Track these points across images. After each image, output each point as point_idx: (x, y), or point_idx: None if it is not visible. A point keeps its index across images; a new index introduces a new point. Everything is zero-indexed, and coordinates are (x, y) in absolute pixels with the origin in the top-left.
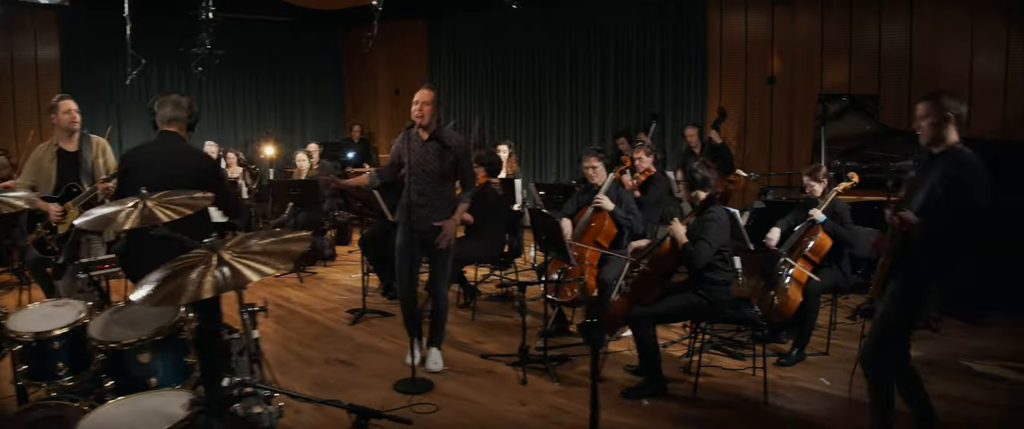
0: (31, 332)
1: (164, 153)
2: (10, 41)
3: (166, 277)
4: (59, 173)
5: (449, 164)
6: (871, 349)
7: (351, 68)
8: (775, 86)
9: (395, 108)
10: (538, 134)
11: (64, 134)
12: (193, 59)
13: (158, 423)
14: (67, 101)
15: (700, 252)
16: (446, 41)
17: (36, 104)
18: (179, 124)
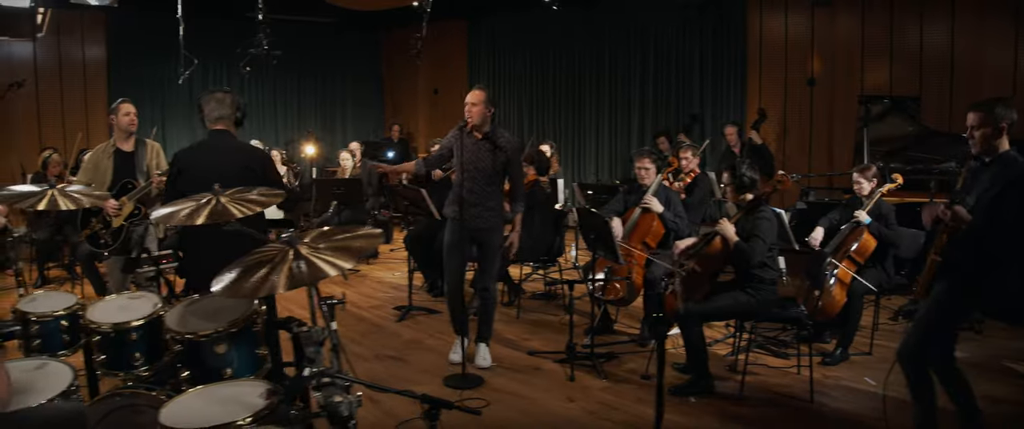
0: (110, 323)
1: (214, 151)
2: (59, 42)
3: (244, 271)
4: (115, 171)
5: (499, 164)
6: (911, 347)
7: (391, 68)
8: (815, 87)
9: (434, 108)
10: (577, 134)
11: (122, 135)
12: (241, 58)
13: (238, 411)
14: (127, 104)
15: (754, 249)
16: (486, 41)
17: (83, 103)
18: (226, 121)
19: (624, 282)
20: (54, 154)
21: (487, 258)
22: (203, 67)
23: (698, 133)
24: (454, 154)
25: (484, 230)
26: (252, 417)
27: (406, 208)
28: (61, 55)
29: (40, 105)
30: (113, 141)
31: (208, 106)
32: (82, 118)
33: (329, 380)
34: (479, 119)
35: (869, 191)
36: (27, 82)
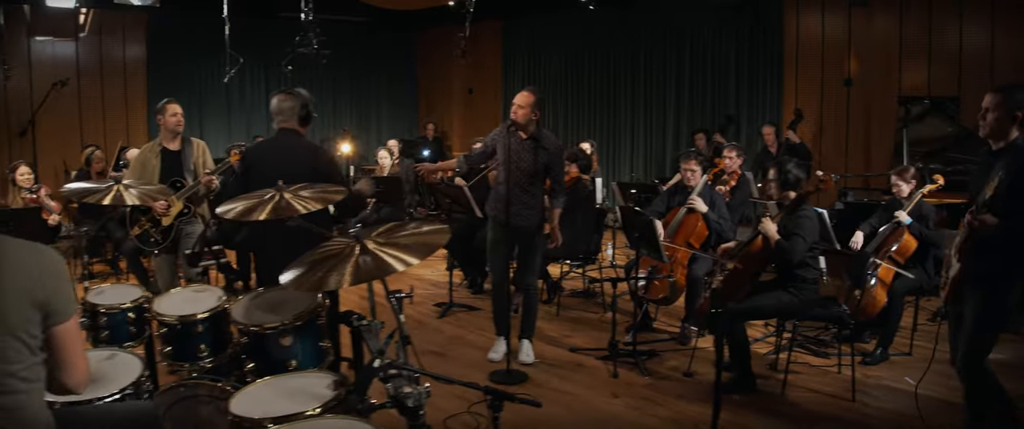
0: (176, 315)
1: (281, 150)
2: (101, 42)
3: (312, 264)
4: (163, 170)
5: (542, 164)
6: (966, 358)
7: (425, 67)
8: (852, 88)
9: (469, 107)
10: (612, 134)
11: (169, 135)
12: (284, 57)
13: (307, 402)
14: (174, 105)
15: (795, 247)
16: (521, 42)
17: (123, 102)
18: (293, 120)
19: (667, 281)
20: (97, 151)
21: (529, 256)
22: (240, 67)
23: (733, 133)
24: (498, 153)
25: (526, 228)
26: (321, 407)
27: (448, 206)
28: (102, 54)
29: (82, 103)
30: (159, 140)
31: (280, 106)
32: (122, 116)
33: (396, 372)
34: (524, 121)
35: (908, 193)
36: (70, 81)
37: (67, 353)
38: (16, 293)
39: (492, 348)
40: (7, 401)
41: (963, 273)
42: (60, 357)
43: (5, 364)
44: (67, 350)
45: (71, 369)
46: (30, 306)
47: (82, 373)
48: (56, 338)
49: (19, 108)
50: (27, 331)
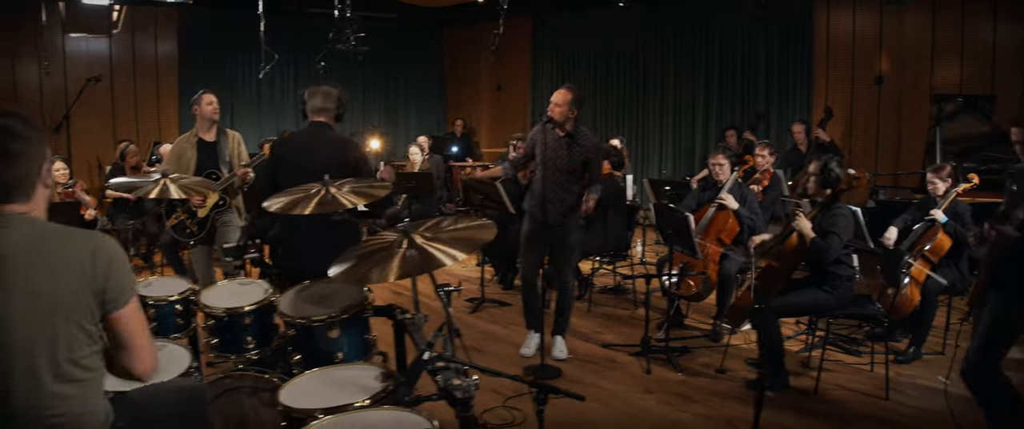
0: (223, 308)
1: (313, 142)
2: (133, 38)
3: (360, 258)
4: (199, 161)
5: (578, 161)
6: (971, 361)
7: (453, 64)
8: (883, 86)
9: (497, 103)
10: (640, 131)
11: (205, 124)
12: (316, 54)
13: (356, 393)
14: (209, 94)
15: (831, 245)
16: (550, 39)
17: (155, 98)
18: (328, 114)
19: (700, 277)
20: (132, 145)
21: (565, 253)
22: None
23: (764, 131)
24: (536, 150)
25: (561, 226)
26: (370, 399)
27: (480, 202)
28: (135, 51)
29: (114, 99)
30: (195, 131)
31: (313, 99)
32: (154, 112)
33: (444, 364)
34: (561, 118)
35: (944, 191)
36: (103, 77)
37: (130, 339)
38: (72, 280)
39: (524, 343)
40: (69, 389)
41: (987, 279)
42: (123, 343)
43: (67, 352)
44: (130, 336)
45: (136, 355)
46: (87, 293)
47: (149, 359)
48: (116, 324)
49: (54, 104)
50: (86, 318)
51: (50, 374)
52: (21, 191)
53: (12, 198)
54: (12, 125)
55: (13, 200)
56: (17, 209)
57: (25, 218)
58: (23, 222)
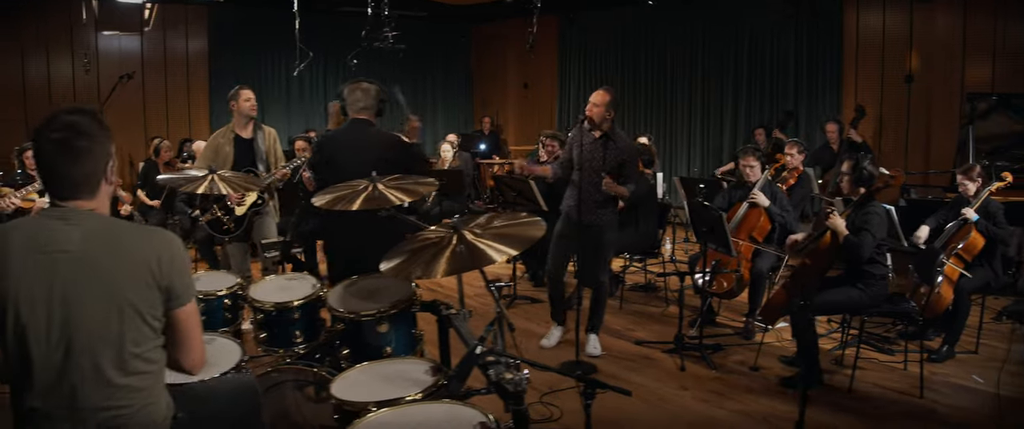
0: (272, 302)
1: (356, 139)
2: (164, 36)
3: (411, 254)
4: (236, 158)
5: (613, 163)
6: None
7: (480, 62)
8: (913, 84)
9: (524, 101)
10: (667, 130)
11: (242, 120)
12: (347, 52)
13: (407, 387)
14: (247, 90)
15: (864, 242)
16: (577, 37)
17: (185, 94)
18: (370, 111)
19: (732, 275)
20: (165, 141)
21: (598, 252)
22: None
23: (793, 129)
24: (573, 150)
25: (596, 225)
26: (422, 393)
27: (513, 198)
28: (166, 48)
29: (146, 96)
30: (231, 127)
31: (354, 95)
32: (184, 108)
33: (494, 358)
34: (598, 119)
35: (974, 192)
36: (135, 74)
37: (187, 335)
38: (139, 276)
39: (546, 335)
40: (135, 381)
41: None
42: (179, 339)
43: (133, 346)
44: (187, 332)
45: (189, 351)
46: (153, 288)
47: (199, 355)
48: (177, 321)
49: (86, 101)
50: (151, 313)
51: (116, 367)
52: (88, 188)
53: (79, 194)
54: (81, 122)
55: (80, 196)
56: (83, 205)
57: (92, 214)
58: (90, 218)
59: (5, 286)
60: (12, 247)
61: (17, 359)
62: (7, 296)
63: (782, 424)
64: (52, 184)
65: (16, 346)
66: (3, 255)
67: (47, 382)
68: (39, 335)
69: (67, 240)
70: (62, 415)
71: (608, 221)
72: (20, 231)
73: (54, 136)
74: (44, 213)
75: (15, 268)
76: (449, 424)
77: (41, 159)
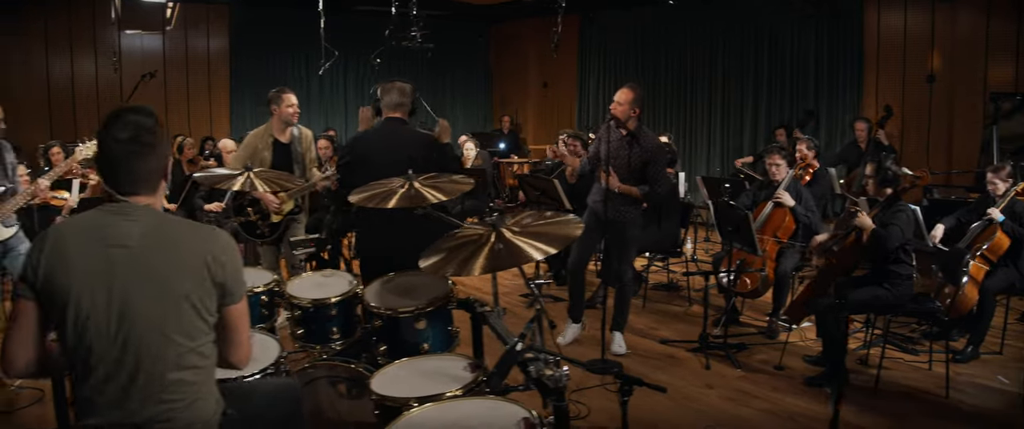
0: (309, 299)
1: (390, 138)
2: (186, 35)
3: (449, 251)
4: (273, 164)
5: (638, 162)
6: None
7: (500, 61)
8: (935, 84)
9: (543, 100)
10: (687, 129)
11: (281, 126)
12: (368, 51)
13: (447, 383)
14: (291, 94)
15: (891, 234)
16: (597, 37)
17: (207, 93)
18: (403, 110)
19: (758, 275)
20: (188, 138)
21: (623, 250)
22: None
23: (813, 129)
24: (600, 148)
25: (621, 223)
26: (462, 389)
27: (536, 197)
28: (187, 47)
29: (167, 94)
30: (270, 130)
31: (388, 95)
32: (206, 107)
33: (533, 355)
34: (623, 116)
35: (1003, 191)
36: (157, 73)
37: (237, 332)
38: (196, 272)
39: (562, 332)
40: (189, 375)
41: None
42: (230, 336)
43: (188, 341)
44: (237, 329)
45: (238, 347)
46: (209, 285)
47: (247, 351)
48: (228, 318)
49: (109, 99)
50: (205, 309)
51: (172, 361)
52: (149, 184)
53: (140, 190)
54: (146, 121)
55: (141, 192)
56: (142, 201)
57: (150, 210)
58: (149, 214)
59: (67, 280)
60: (73, 242)
61: (77, 351)
62: (69, 289)
63: (809, 423)
64: (115, 180)
65: (76, 338)
66: (64, 250)
67: (105, 373)
68: (99, 328)
69: (127, 236)
70: (117, 406)
71: (632, 218)
72: (81, 226)
73: (121, 134)
74: (104, 208)
75: (76, 263)
76: (492, 419)
77: (106, 155)
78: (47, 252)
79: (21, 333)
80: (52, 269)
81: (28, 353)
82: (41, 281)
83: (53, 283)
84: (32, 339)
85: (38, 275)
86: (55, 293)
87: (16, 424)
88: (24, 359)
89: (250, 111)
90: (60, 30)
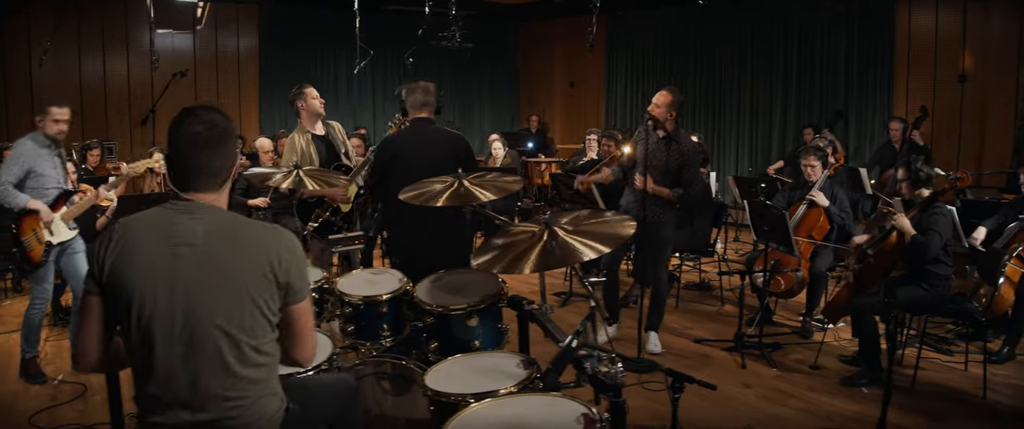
0: (360, 296)
1: (422, 138)
2: (216, 34)
3: (501, 248)
4: (324, 158)
5: (675, 164)
6: None
7: (527, 60)
8: (966, 84)
9: (570, 100)
10: (715, 129)
11: (313, 119)
12: (406, 50)
13: (501, 380)
14: (311, 87)
15: (931, 242)
16: (624, 36)
17: (236, 91)
18: (429, 109)
19: (793, 275)
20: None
21: (658, 251)
22: (348, 58)
23: (842, 130)
24: (638, 150)
25: (656, 223)
26: (517, 385)
27: (570, 198)
28: (218, 46)
29: (198, 93)
30: (304, 129)
31: (413, 95)
32: (235, 106)
33: (586, 352)
34: (661, 118)
35: None
36: (188, 72)
37: (301, 330)
38: (261, 270)
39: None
40: (252, 373)
41: None
42: (294, 333)
43: (251, 338)
44: (301, 327)
45: (302, 345)
46: (272, 283)
47: (311, 349)
48: (292, 316)
49: (140, 98)
50: (269, 307)
51: (236, 358)
52: (216, 181)
53: (206, 187)
54: (217, 118)
55: (207, 189)
56: (207, 198)
57: (215, 209)
58: (213, 213)
59: (132, 275)
60: (139, 238)
61: (140, 347)
62: (133, 286)
63: (847, 422)
64: (184, 176)
65: (140, 335)
66: (131, 246)
67: (169, 371)
68: (163, 326)
69: (192, 234)
70: (181, 404)
71: (668, 219)
72: (146, 223)
73: (193, 129)
74: (169, 206)
75: (142, 259)
76: (552, 415)
77: (175, 149)
78: (112, 248)
79: (89, 328)
80: (117, 265)
81: (97, 348)
82: (106, 277)
83: (118, 279)
84: (99, 334)
85: (104, 271)
86: (119, 289)
87: (59, 419)
88: (94, 354)
89: (279, 110)
90: (92, 30)
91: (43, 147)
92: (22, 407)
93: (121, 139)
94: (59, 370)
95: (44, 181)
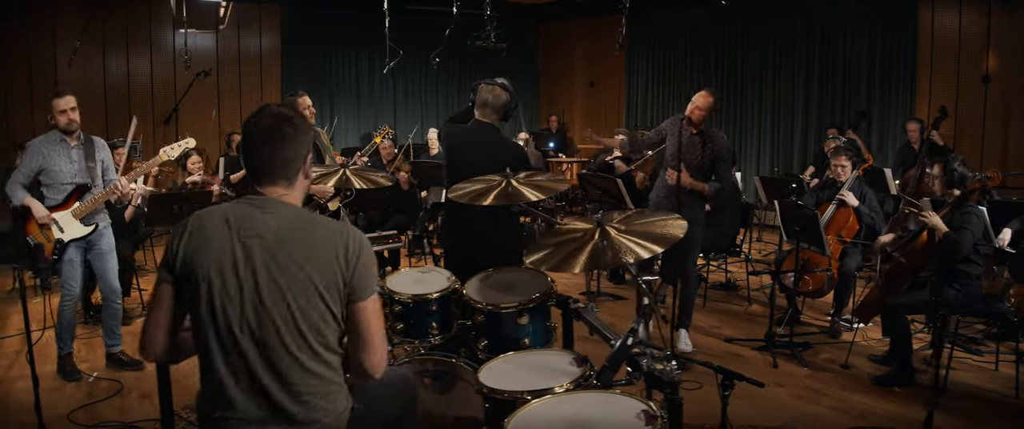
0: (409, 294)
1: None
2: (239, 34)
3: (554, 247)
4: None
5: (708, 160)
6: None
7: (547, 60)
8: (990, 85)
9: (590, 100)
10: (737, 129)
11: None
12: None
13: (557, 377)
14: (305, 97)
15: (964, 239)
16: (645, 36)
17: (258, 91)
18: (495, 115)
19: (823, 274)
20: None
21: (687, 248)
22: (369, 58)
23: (865, 130)
24: (668, 145)
25: (688, 221)
26: (572, 383)
27: (598, 197)
28: (240, 46)
29: (220, 93)
30: None
31: (481, 96)
32: (257, 105)
33: (640, 350)
34: (699, 121)
35: None
36: (211, 71)
37: (368, 333)
38: (328, 265)
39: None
40: (320, 369)
41: None
42: (361, 334)
43: (316, 334)
44: (368, 329)
45: (372, 350)
46: (339, 279)
47: (383, 356)
48: (357, 314)
49: (163, 97)
50: (334, 303)
51: (305, 352)
52: (287, 175)
53: (277, 181)
54: (288, 113)
55: (277, 182)
56: (279, 192)
57: (287, 204)
58: (285, 208)
59: (204, 268)
60: (212, 228)
61: (209, 340)
62: (204, 277)
63: (880, 421)
64: (256, 169)
65: (209, 328)
66: (204, 235)
67: (237, 365)
68: (232, 318)
69: (263, 227)
70: (250, 398)
71: (698, 217)
72: (220, 215)
73: (264, 122)
74: (244, 201)
75: (213, 249)
76: (612, 412)
77: (247, 142)
78: (186, 239)
79: (159, 318)
80: (190, 256)
81: (165, 336)
82: (179, 267)
83: (190, 268)
84: (168, 325)
85: (177, 261)
86: (192, 278)
87: (97, 416)
88: (162, 342)
89: None
90: (116, 30)
91: (56, 143)
92: (61, 405)
93: (144, 138)
94: (94, 368)
95: (58, 177)
